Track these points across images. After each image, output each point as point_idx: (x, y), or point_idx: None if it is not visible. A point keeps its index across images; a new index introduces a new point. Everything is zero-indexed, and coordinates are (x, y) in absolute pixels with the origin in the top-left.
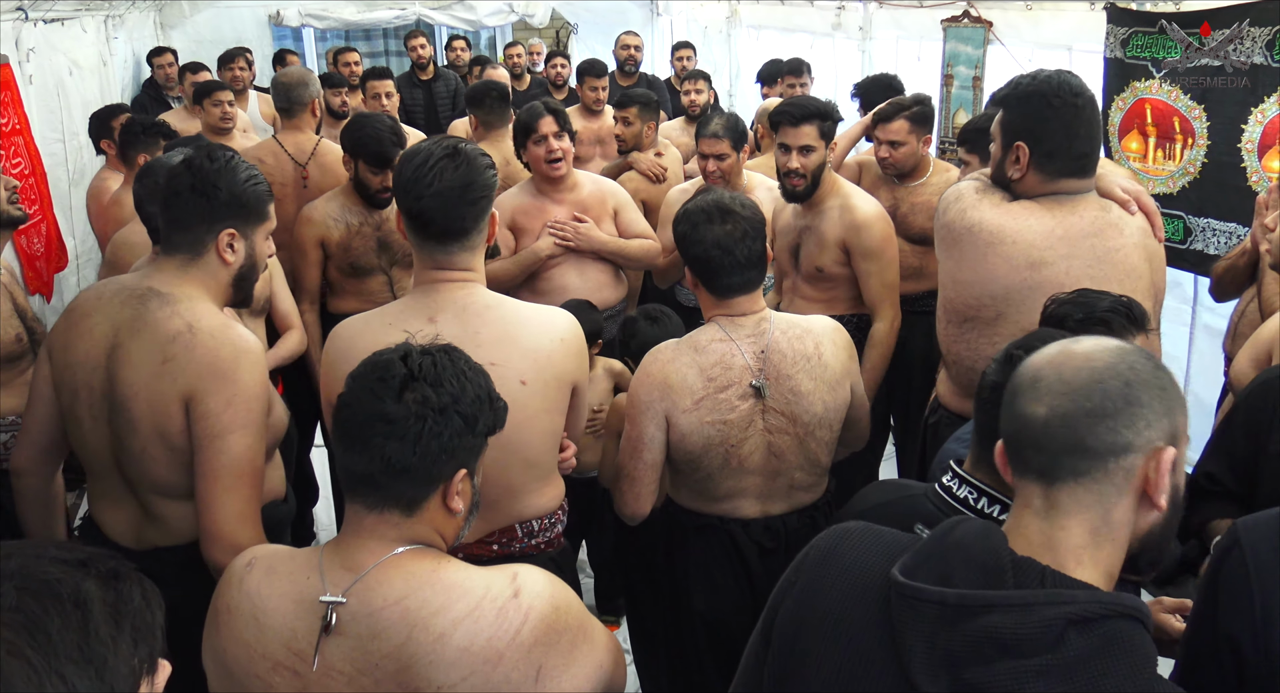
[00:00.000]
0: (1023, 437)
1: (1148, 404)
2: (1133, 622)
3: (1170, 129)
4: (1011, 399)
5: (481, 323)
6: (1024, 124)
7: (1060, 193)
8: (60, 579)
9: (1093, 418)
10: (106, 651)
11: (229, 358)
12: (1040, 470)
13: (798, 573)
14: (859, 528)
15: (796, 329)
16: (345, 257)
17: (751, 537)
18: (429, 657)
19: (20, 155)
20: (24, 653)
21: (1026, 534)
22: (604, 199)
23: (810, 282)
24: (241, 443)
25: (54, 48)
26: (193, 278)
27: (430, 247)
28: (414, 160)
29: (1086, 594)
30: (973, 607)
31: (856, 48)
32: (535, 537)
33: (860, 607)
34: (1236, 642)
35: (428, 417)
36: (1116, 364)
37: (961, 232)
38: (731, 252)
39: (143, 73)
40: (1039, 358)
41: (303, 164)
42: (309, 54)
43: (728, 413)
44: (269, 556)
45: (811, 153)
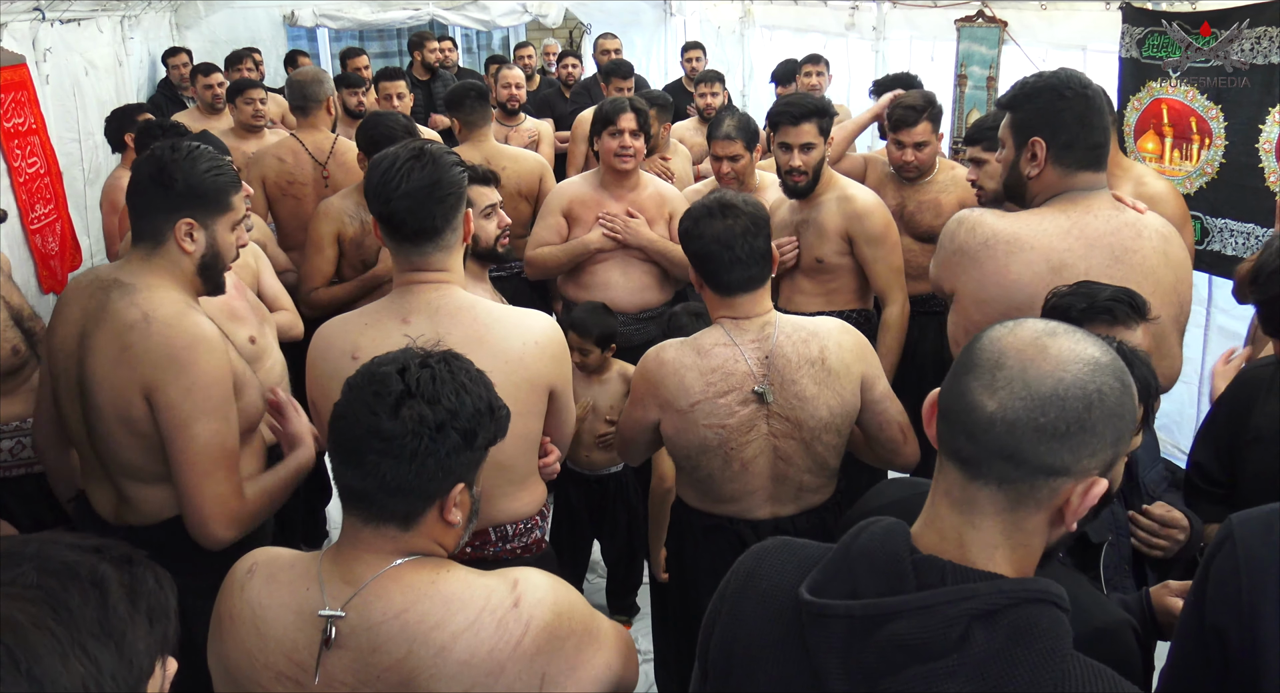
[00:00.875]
0: (960, 419)
1: (1100, 434)
2: (1041, 605)
3: (1187, 129)
4: (963, 372)
5: (453, 324)
6: (1038, 119)
7: (1076, 189)
8: (78, 561)
9: (1040, 434)
10: (125, 626)
11: (184, 346)
12: (965, 460)
13: (722, 601)
14: (775, 546)
15: (802, 332)
16: (358, 253)
17: (760, 538)
18: (430, 671)
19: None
20: (48, 626)
21: (939, 527)
22: (661, 203)
23: (809, 275)
24: (209, 429)
25: (70, 48)
26: (156, 267)
27: (405, 248)
28: (381, 165)
29: (988, 586)
30: (878, 616)
31: (870, 48)
32: (510, 541)
33: (779, 630)
34: (1223, 633)
35: (424, 435)
36: (1086, 383)
37: (978, 248)
38: (731, 247)
39: (158, 73)
40: (1008, 339)
41: (323, 163)
42: (323, 54)
43: (726, 418)
44: (270, 562)
45: (812, 150)
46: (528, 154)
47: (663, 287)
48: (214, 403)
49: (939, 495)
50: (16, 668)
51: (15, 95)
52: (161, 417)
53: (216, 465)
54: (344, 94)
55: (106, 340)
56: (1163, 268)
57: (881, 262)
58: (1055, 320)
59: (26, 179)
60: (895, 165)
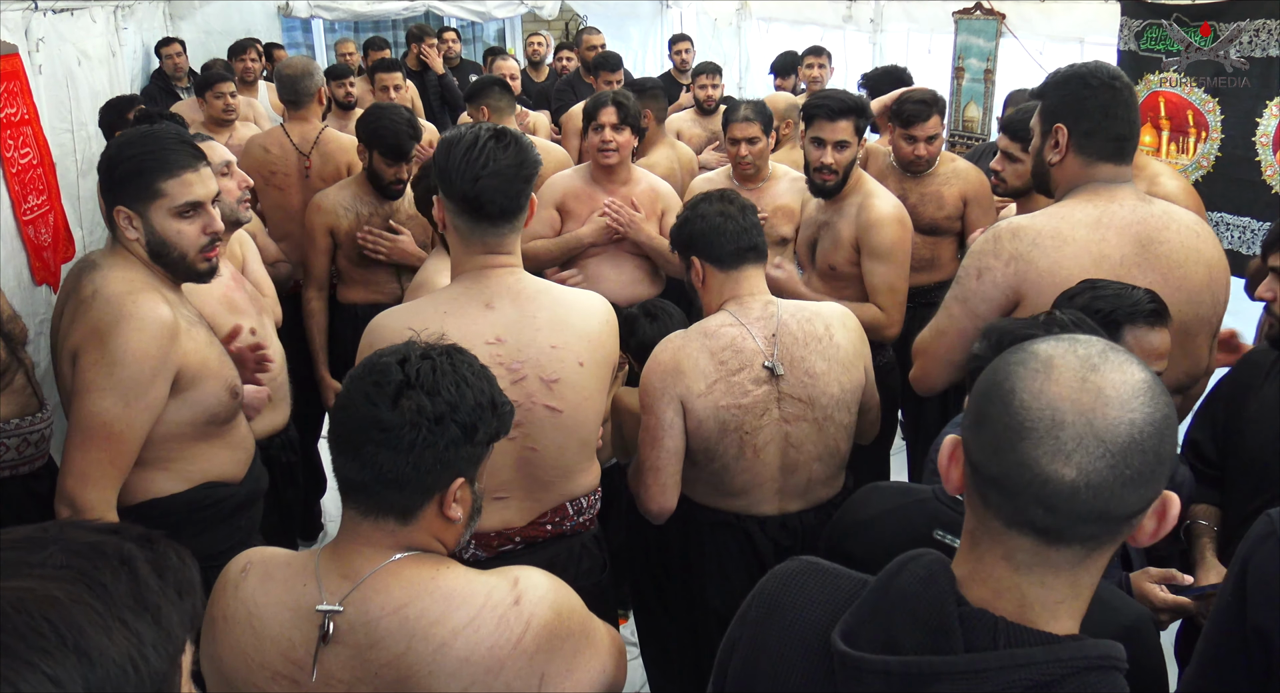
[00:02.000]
0: (1031, 491)
1: (1171, 453)
2: (1103, 673)
3: (1184, 122)
4: (1015, 439)
5: (536, 307)
6: (1062, 105)
7: (1098, 181)
8: (101, 541)
9: (1128, 486)
10: (159, 599)
11: (108, 321)
12: (1043, 530)
13: (741, 628)
14: (802, 571)
15: (805, 312)
16: (354, 246)
17: (768, 534)
18: (429, 667)
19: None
20: (87, 601)
21: (994, 585)
22: (655, 199)
23: (824, 279)
24: (97, 404)
25: (63, 38)
26: (120, 252)
27: (482, 230)
28: (460, 144)
29: (1045, 652)
30: (920, 677)
31: (868, 40)
32: (583, 514)
33: (805, 671)
34: (1267, 636)
35: (422, 426)
36: (1153, 414)
37: (1029, 249)
38: (733, 217)
39: (152, 63)
40: (1052, 389)
41: (306, 153)
42: (318, 45)
43: (741, 397)
44: (264, 561)
45: (846, 148)
46: (553, 146)
47: (654, 280)
48: (114, 381)
49: (994, 558)
50: (64, 643)
51: (8, 85)
52: (74, 382)
53: (90, 441)
54: (333, 85)
55: (67, 315)
56: (1192, 263)
57: (880, 277)
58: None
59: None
60: (905, 161)
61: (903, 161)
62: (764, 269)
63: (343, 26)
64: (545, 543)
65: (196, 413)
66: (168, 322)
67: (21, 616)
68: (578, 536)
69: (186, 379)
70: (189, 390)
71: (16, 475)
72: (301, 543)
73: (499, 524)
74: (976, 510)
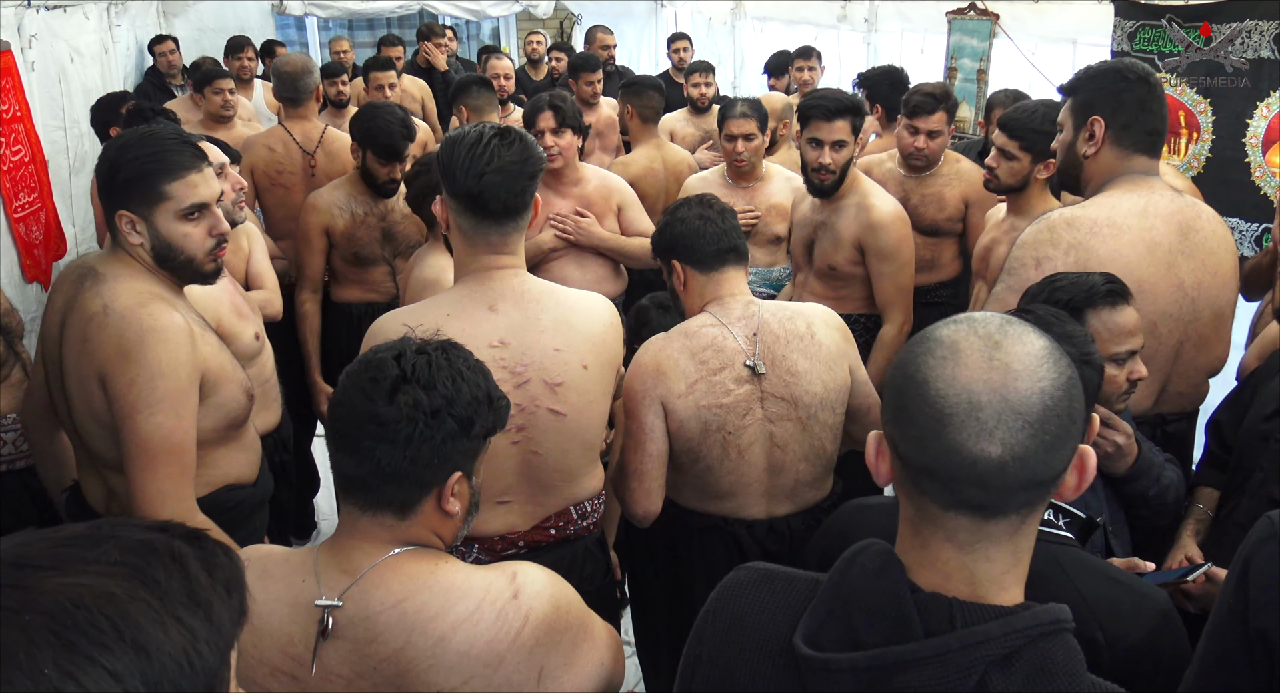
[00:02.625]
0: (963, 473)
1: (1080, 408)
2: (1054, 637)
3: (1175, 123)
4: (937, 427)
5: (541, 309)
6: (1099, 98)
7: (1134, 173)
8: (153, 538)
9: (1051, 449)
10: (211, 596)
11: (133, 338)
12: (979, 506)
13: (701, 646)
14: (752, 580)
15: (786, 311)
16: (349, 246)
17: (756, 539)
18: (428, 661)
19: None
20: (143, 597)
21: (942, 568)
22: (608, 195)
23: (822, 278)
24: (150, 422)
25: (55, 35)
26: (122, 258)
27: (486, 228)
28: (464, 141)
29: (1001, 626)
30: (886, 668)
31: (862, 40)
32: (587, 518)
33: (773, 681)
34: (1270, 637)
35: (419, 420)
36: (1058, 375)
37: (1087, 237)
38: (713, 220)
39: (145, 61)
40: (961, 373)
41: (310, 152)
42: (312, 43)
43: (723, 396)
44: (263, 558)
45: (843, 148)
46: None
47: (617, 277)
48: (159, 395)
49: (938, 542)
50: (121, 638)
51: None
52: (111, 408)
53: (156, 460)
54: (324, 84)
55: (73, 331)
56: (1224, 251)
57: (888, 278)
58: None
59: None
60: (905, 152)
61: (903, 152)
62: (745, 271)
63: (337, 24)
64: (549, 547)
65: (218, 417)
66: (185, 328)
67: (81, 611)
68: (581, 540)
69: (209, 384)
70: (211, 396)
71: (13, 470)
72: (296, 541)
73: (503, 528)
74: (912, 499)
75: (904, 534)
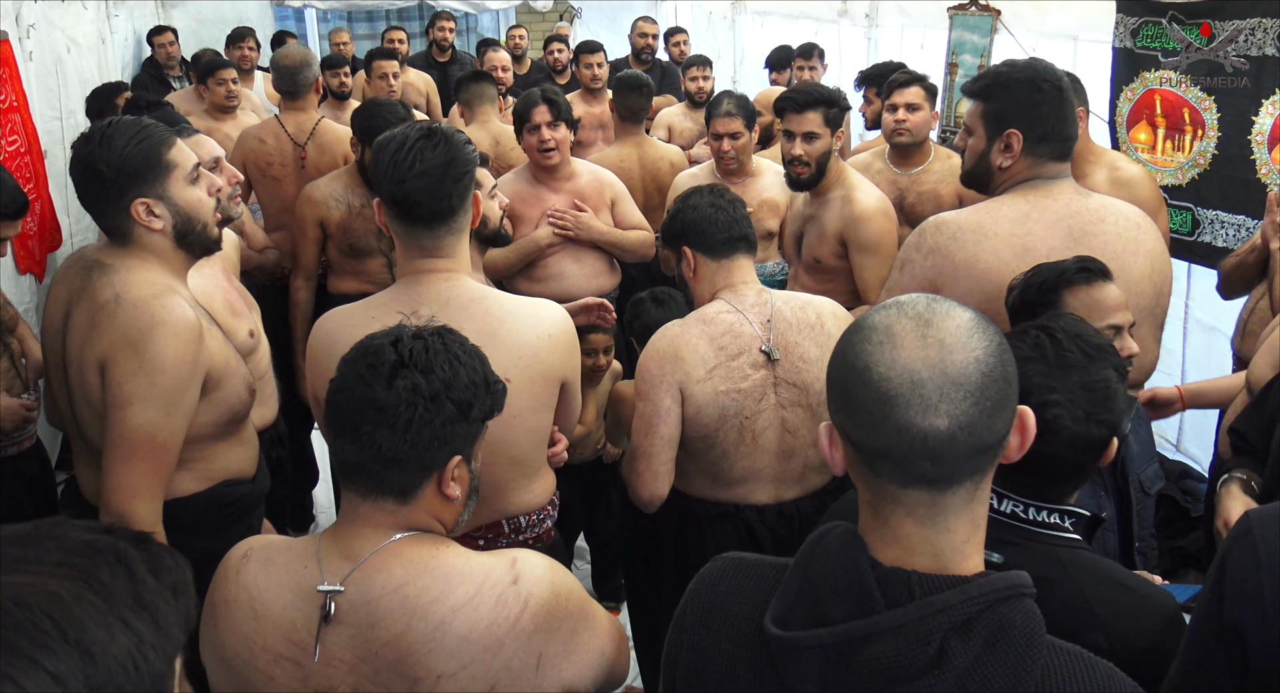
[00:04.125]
0: (915, 450)
1: (1013, 372)
2: (1012, 602)
3: (1180, 120)
4: (885, 410)
5: (465, 317)
6: (1014, 110)
7: (1039, 178)
8: (96, 539)
9: (992, 415)
10: (157, 599)
11: (143, 329)
12: (934, 480)
13: (681, 635)
14: (726, 570)
15: (798, 301)
16: (345, 237)
17: (766, 524)
18: (428, 645)
19: (17, 133)
20: (88, 598)
21: (905, 544)
22: (601, 189)
23: (809, 272)
24: (140, 416)
25: (53, 25)
26: (134, 253)
27: (417, 232)
28: (390, 146)
29: (957, 594)
30: (851, 643)
31: (862, 35)
32: (522, 533)
33: (749, 663)
34: (1242, 631)
35: (418, 404)
36: (989, 344)
37: (948, 242)
38: (724, 208)
39: (144, 52)
40: (900, 355)
41: (301, 144)
42: (311, 34)
43: (740, 381)
44: (265, 546)
45: (816, 140)
46: None
47: (612, 271)
48: (156, 390)
49: (899, 519)
50: (65, 639)
51: None
52: (106, 393)
53: (135, 454)
54: (326, 75)
55: (81, 319)
56: (1130, 255)
57: (869, 270)
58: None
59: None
60: (889, 132)
61: (887, 133)
62: (754, 260)
63: (336, 15)
64: None
65: (220, 413)
66: (196, 324)
67: (23, 611)
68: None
69: (213, 380)
70: (215, 391)
71: (6, 456)
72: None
73: None
74: (869, 482)
75: (864, 516)
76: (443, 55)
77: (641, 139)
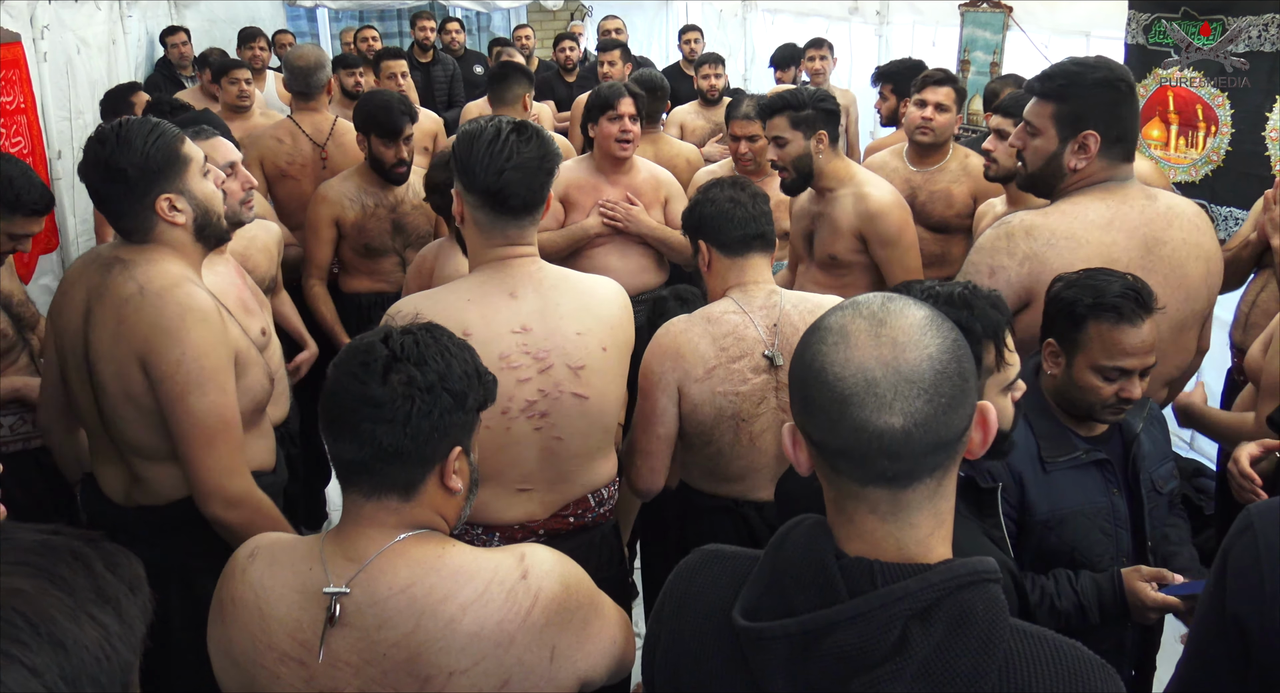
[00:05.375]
0: (872, 448)
1: (972, 370)
2: (974, 587)
3: (1193, 116)
4: (840, 409)
5: (559, 295)
6: (1094, 112)
7: (1113, 180)
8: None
9: (949, 411)
10: (117, 592)
11: (174, 316)
12: (893, 477)
13: (659, 624)
14: (704, 561)
15: (808, 304)
16: (360, 237)
17: (765, 520)
18: (439, 643)
19: (21, 134)
20: (53, 593)
21: (870, 539)
22: (657, 186)
23: (824, 269)
24: (204, 401)
25: (64, 25)
26: (153, 248)
27: (504, 222)
28: (481, 138)
29: (918, 582)
30: (815, 632)
31: (873, 32)
32: (603, 505)
33: (721, 653)
34: (1244, 623)
35: (415, 396)
36: (943, 340)
37: (1044, 249)
38: (743, 204)
39: (156, 52)
40: (855, 354)
41: (321, 144)
42: (323, 34)
43: (739, 384)
44: (271, 545)
45: (786, 144)
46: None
47: (659, 268)
48: (208, 373)
49: (862, 515)
50: (38, 633)
51: (7, 73)
52: (158, 390)
53: (214, 436)
54: (341, 74)
55: (106, 315)
56: (1191, 260)
57: (896, 263)
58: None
59: None
60: (913, 126)
61: (910, 127)
62: (770, 259)
63: (348, 15)
64: (567, 535)
65: (245, 401)
66: (217, 308)
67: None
68: (598, 527)
69: (239, 367)
70: (240, 379)
71: (28, 449)
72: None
73: (523, 516)
74: (831, 481)
75: (831, 512)
76: (424, 55)
77: (657, 137)
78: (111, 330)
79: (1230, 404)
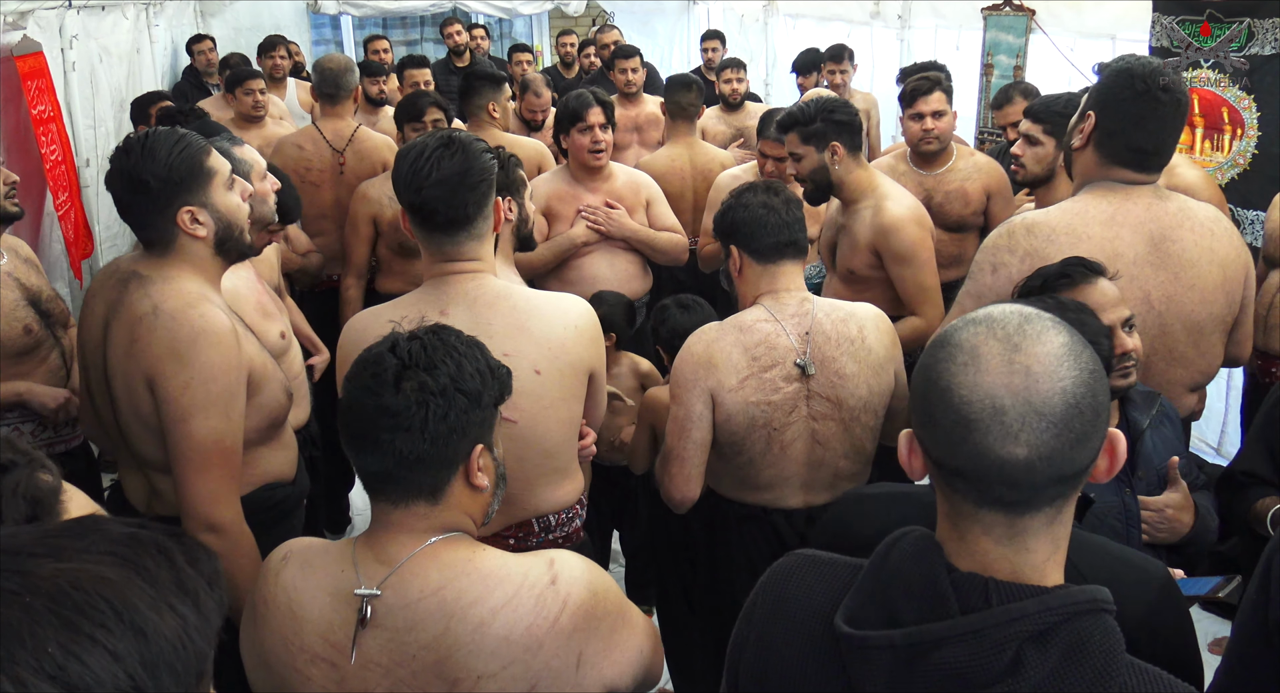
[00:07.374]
0: (993, 475)
1: (1106, 402)
2: (1091, 616)
3: (1219, 120)
4: (963, 432)
5: (493, 313)
6: (1101, 94)
7: (1115, 179)
8: (137, 532)
9: (1076, 445)
10: (197, 586)
11: (186, 340)
12: (1012, 504)
13: (749, 626)
14: (801, 564)
15: (840, 312)
16: (396, 236)
17: (794, 527)
18: (469, 647)
19: (55, 143)
20: (137, 583)
21: (982, 560)
22: (637, 190)
23: (844, 282)
24: (205, 426)
25: (89, 35)
26: (172, 262)
27: (437, 238)
28: (409, 155)
29: (1036, 604)
30: (922, 645)
31: (895, 37)
32: (552, 532)
33: (815, 659)
34: None
35: (429, 402)
36: (1081, 372)
37: (1044, 244)
38: (777, 211)
39: (182, 60)
40: (983, 379)
41: (340, 150)
42: (347, 42)
43: (771, 394)
44: (304, 549)
45: (800, 159)
46: (525, 140)
47: (646, 275)
48: (213, 398)
49: (975, 535)
50: (120, 620)
51: (36, 83)
52: (161, 410)
53: (209, 462)
54: (365, 82)
55: (120, 332)
56: (1206, 263)
57: (909, 280)
58: (981, 312)
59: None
60: (914, 141)
61: (912, 142)
62: (802, 265)
63: (371, 23)
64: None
65: (261, 417)
66: (232, 329)
67: (80, 593)
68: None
69: (253, 384)
70: (255, 395)
71: (53, 453)
72: (330, 536)
73: None
74: (947, 496)
75: (943, 527)
76: (460, 60)
77: (693, 141)
78: (125, 348)
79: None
